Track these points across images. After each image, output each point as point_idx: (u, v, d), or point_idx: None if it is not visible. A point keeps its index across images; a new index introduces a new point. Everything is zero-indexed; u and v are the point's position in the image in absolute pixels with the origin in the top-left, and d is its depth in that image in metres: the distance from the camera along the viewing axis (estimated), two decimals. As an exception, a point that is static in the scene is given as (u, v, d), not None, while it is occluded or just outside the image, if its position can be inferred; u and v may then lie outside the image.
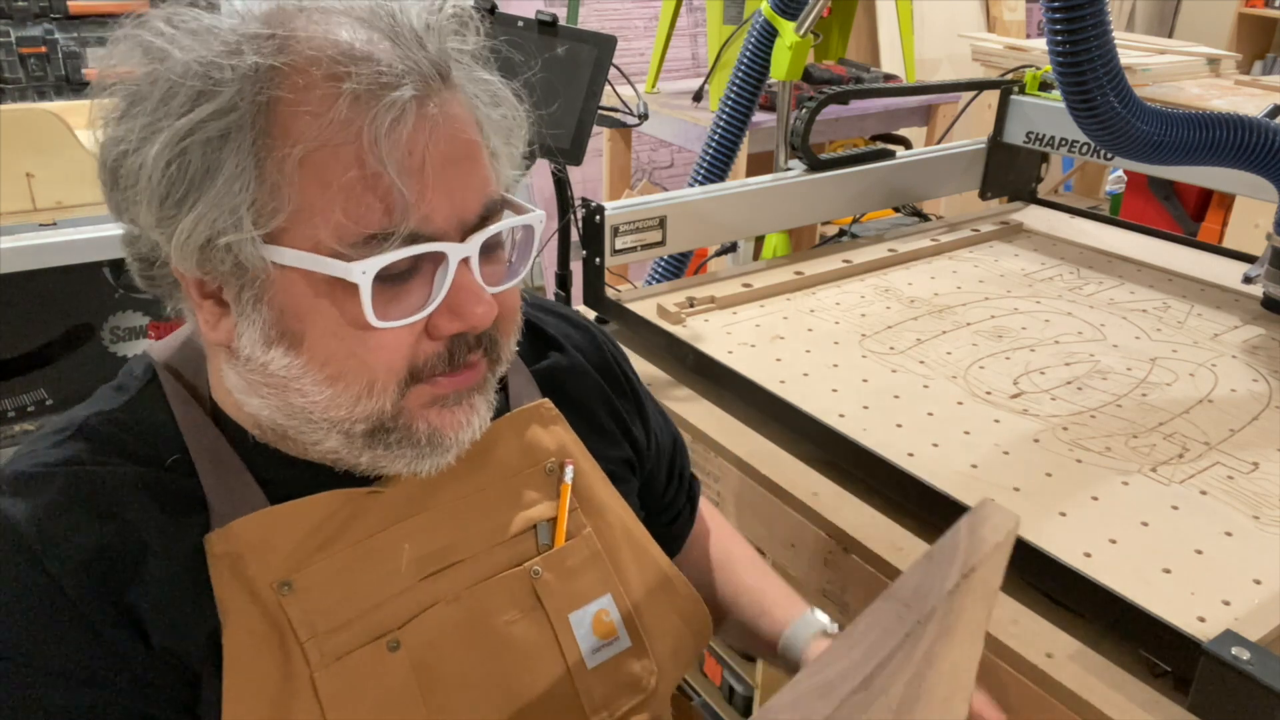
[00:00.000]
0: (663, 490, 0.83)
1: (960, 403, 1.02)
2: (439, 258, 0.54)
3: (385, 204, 0.51)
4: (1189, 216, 2.54)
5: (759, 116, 1.96)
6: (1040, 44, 2.83)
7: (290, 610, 0.56)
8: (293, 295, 0.53)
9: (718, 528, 0.90)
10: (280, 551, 0.57)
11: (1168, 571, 0.76)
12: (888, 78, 2.64)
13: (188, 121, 0.50)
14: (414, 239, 0.52)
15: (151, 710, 0.54)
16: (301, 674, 0.56)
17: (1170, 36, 4.21)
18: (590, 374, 0.75)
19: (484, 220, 0.56)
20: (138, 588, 0.54)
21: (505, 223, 0.58)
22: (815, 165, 1.41)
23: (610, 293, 1.24)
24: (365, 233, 0.51)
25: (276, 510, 0.57)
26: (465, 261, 0.55)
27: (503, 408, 0.68)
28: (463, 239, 0.54)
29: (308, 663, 0.56)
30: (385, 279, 0.52)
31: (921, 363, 1.10)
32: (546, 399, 0.71)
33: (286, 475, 0.59)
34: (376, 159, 0.50)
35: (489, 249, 0.57)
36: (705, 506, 0.91)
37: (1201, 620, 0.71)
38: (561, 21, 1.27)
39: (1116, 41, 1.03)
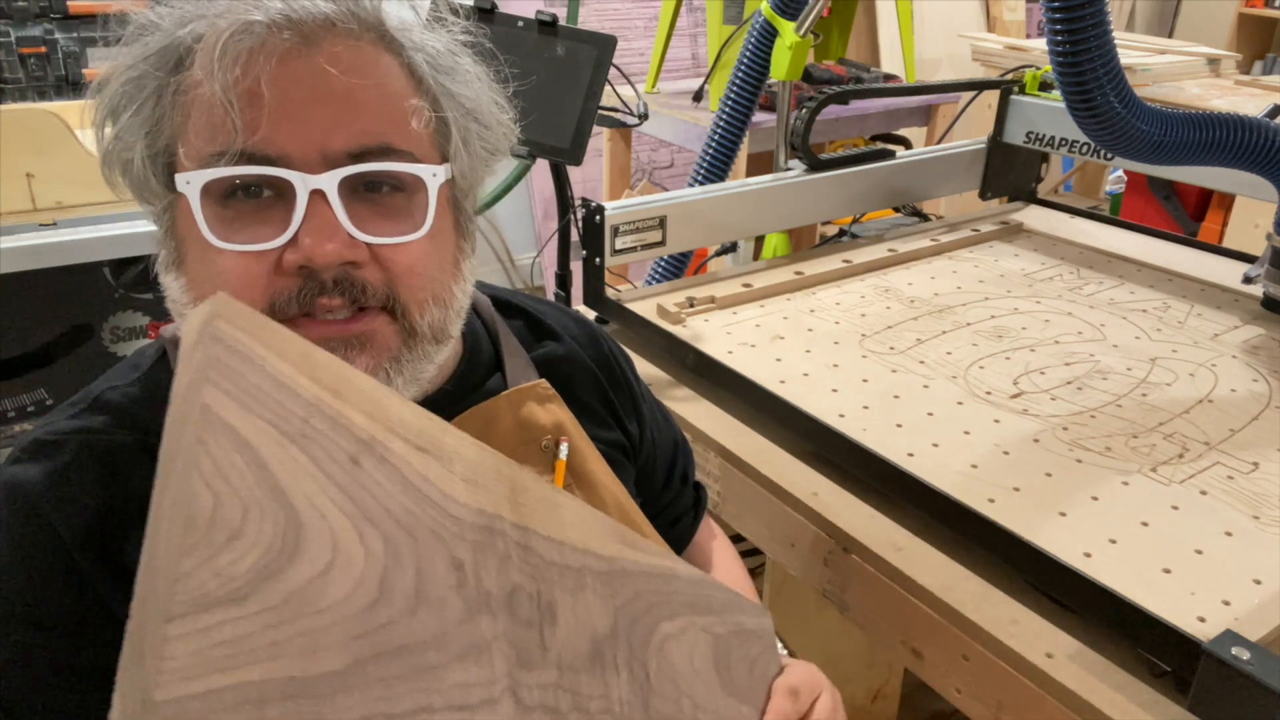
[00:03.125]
0: (660, 490, 0.84)
1: (960, 403, 1.02)
2: (287, 186, 0.54)
3: (220, 121, 0.53)
4: (1189, 216, 2.54)
5: (759, 116, 1.96)
6: (1040, 44, 2.83)
7: None
8: (182, 218, 0.57)
9: (720, 553, 0.90)
10: None
11: (1168, 571, 0.76)
12: (888, 78, 2.64)
13: (129, 60, 0.56)
14: (249, 159, 0.53)
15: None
16: None
17: (1170, 36, 4.21)
18: (586, 364, 0.77)
19: (356, 161, 0.55)
20: (137, 545, 0.55)
21: (376, 164, 0.56)
22: (815, 165, 1.41)
23: (610, 293, 1.25)
24: (208, 151, 0.54)
25: None
26: (322, 195, 0.54)
27: (500, 387, 0.70)
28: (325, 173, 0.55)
29: None
30: (229, 199, 0.54)
31: (921, 363, 1.10)
32: (543, 379, 0.72)
33: None
34: (212, 76, 0.52)
35: (371, 192, 0.56)
36: (715, 529, 0.92)
37: (1201, 620, 0.71)
38: (561, 21, 1.27)
39: (1116, 41, 1.03)
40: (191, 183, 0.54)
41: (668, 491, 0.85)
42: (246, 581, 0.35)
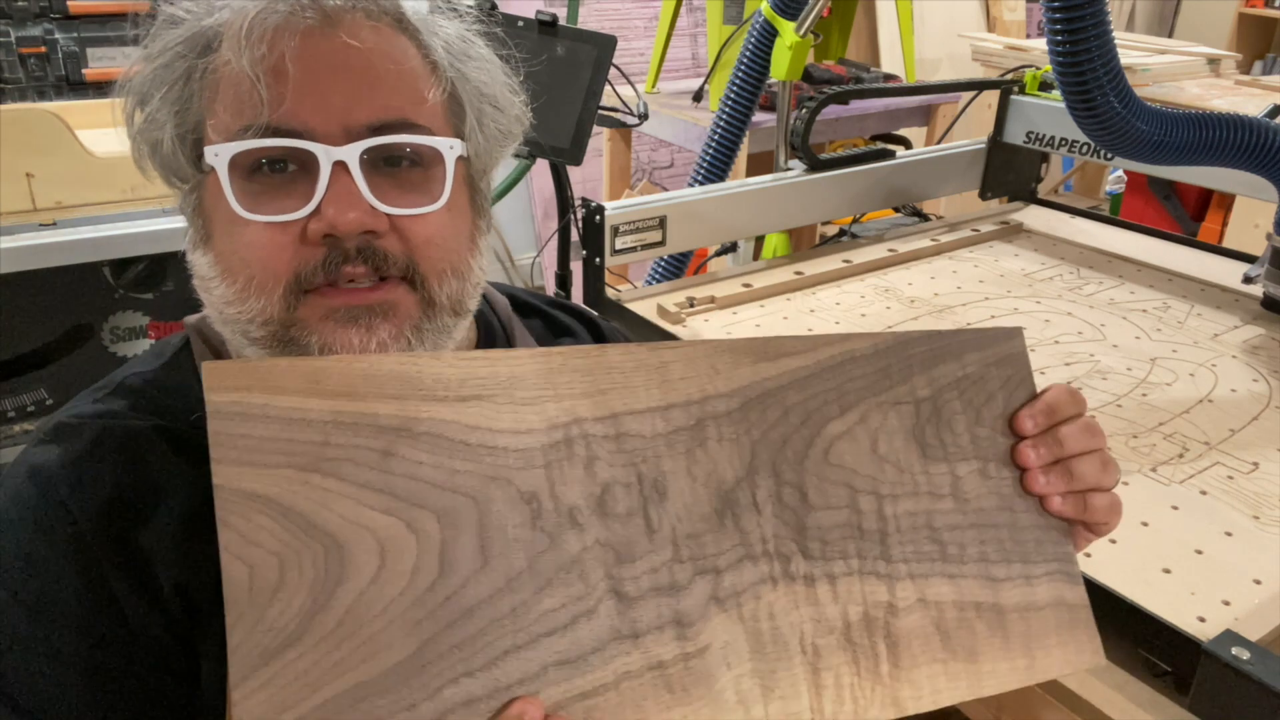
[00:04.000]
0: None
1: (960, 403, 1.02)
2: (310, 158, 0.55)
3: (247, 96, 0.55)
4: (1189, 216, 2.55)
5: (759, 116, 1.96)
6: (1040, 44, 2.83)
7: None
8: (209, 196, 0.58)
9: None
10: None
11: (1168, 571, 0.76)
12: (888, 78, 2.64)
13: (157, 50, 0.58)
14: (275, 132, 0.55)
15: (140, 665, 0.56)
16: None
17: (1170, 36, 4.21)
18: None
19: (377, 134, 0.57)
20: (152, 529, 0.57)
21: (396, 137, 0.58)
22: (815, 165, 1.41)
23: (610, 293, 1.24)
24: (236, 125, 0.56)
25: None
26: (344, 166, 0.56)
27: None
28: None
29: None
30: (255, 173, 0.56)
31: (921, 363, 1.10)
32: None
33: None
34: (239, 53, 0.54)
35: (391, 167, 0.58)
36: None
37: (1201, 620, 0.71)
38: (561, 21, 1.27)
39: (1116, 41, 1.03)
40: (220, 155, 0.56)
41: None
42: (298, 623, 0.38)
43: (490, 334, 0.73)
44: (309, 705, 0.37)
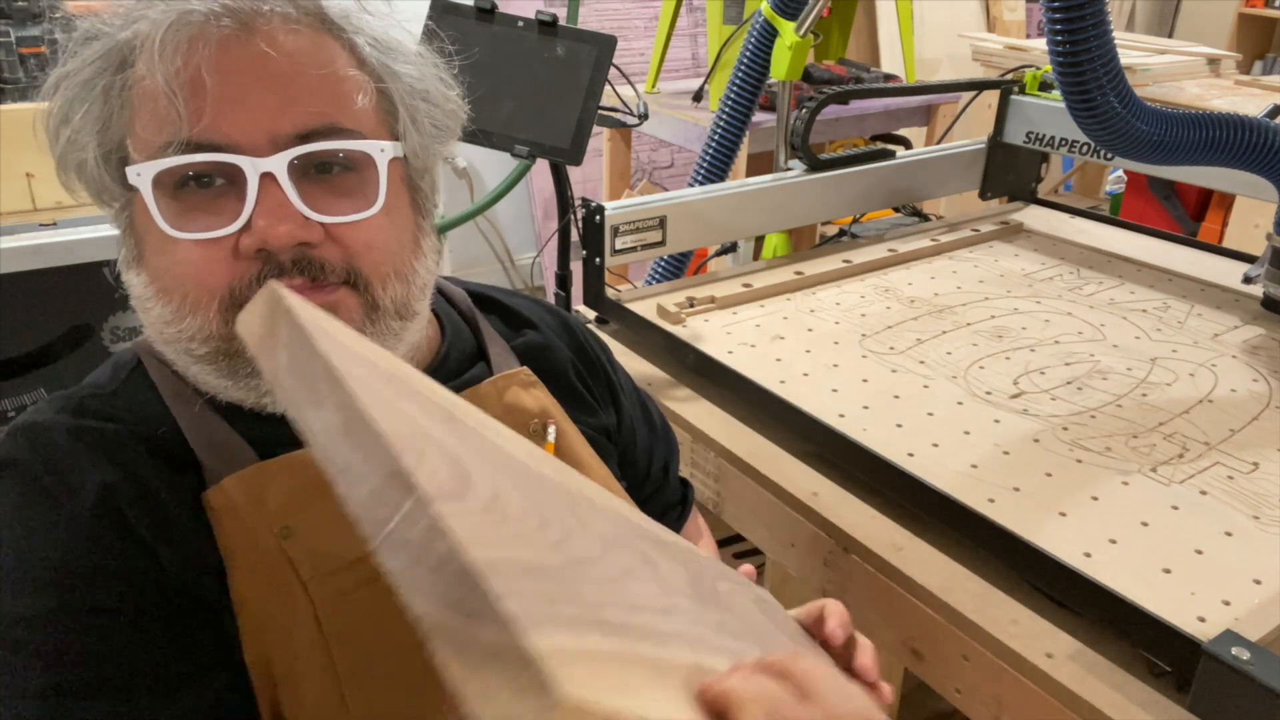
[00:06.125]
0: (643, 480, 0.85)
1: (960, 403, 1.02)
2: (237, 172, 0.54)
3: (165, 112, 0.54)
4: (1189, 216, 2.55)
5: (759, 116, 1.96)
6: (1040, 44, 2.83)
7: (292, 552, 0.57)
8: (140, 215, 0.57)
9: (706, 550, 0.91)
10: (276, 502, 0.57)
11: (1168, 571, 0.76)
12: (888, 78, 2.64)
13: (76, 66, 0.56)
14: (197, 147, 0.54)
15: (174, 634, 0.54)
16: (306, 612, 0.56)
17: (1170, 36, 4.21)
18: (564, 351, 0.78)
19: (304, 141, 0.56)
20: (149, 524, 0.55)
21: (324, 143, 0.56)
22: (815, 165, 1.41)
23: (610, 293, 1.24)
24: (157, 142, 0.54)
25: (268, 465, 0.58)
26: (273, 177, 0.54)
27: (484, 375, 0.71)
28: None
29: (312, 602, 0.56)
30: (183, 189, 0.55)
31: (921, 363, 1.10)
32: (525, 367, 0.73)
33: (267, 431, 0.60)
34: (154, 68, 0.53)
35: (323, 174, 0.57)
36: (702, 526, 0.94)
37: (1201, 620, 0.71)
38: (561, 21, 1.27)
39: (1116, 41, 1.03)
40: (142, 175, 0.55)
41: (650, 482, 0.86)
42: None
43: (454, 330, 0.72)
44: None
